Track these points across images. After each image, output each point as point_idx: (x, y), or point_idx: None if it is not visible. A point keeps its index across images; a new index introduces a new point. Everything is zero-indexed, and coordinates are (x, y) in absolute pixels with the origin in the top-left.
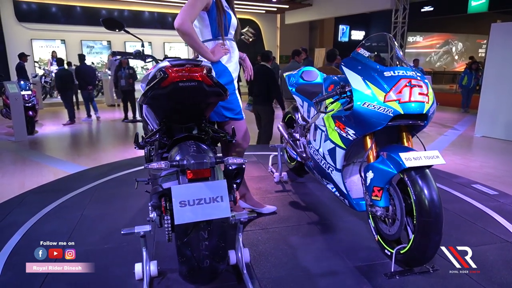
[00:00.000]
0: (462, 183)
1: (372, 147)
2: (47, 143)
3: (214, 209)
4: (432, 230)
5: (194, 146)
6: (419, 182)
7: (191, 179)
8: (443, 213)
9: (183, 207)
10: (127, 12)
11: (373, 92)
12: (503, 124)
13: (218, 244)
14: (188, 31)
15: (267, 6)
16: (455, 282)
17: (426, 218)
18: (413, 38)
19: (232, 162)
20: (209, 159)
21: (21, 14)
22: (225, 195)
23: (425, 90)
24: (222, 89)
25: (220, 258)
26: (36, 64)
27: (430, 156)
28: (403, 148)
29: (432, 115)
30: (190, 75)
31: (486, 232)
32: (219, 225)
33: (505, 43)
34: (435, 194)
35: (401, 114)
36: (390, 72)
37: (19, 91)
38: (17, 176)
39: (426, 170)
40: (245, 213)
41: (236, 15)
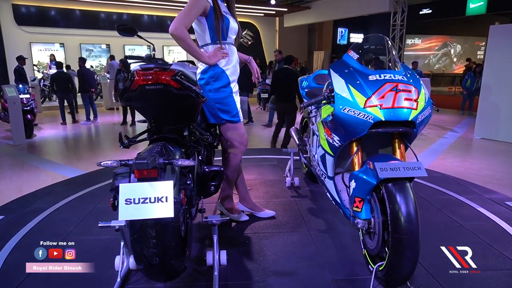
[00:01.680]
0: (494, 199)
1: (356, 155)
2: (45, 147)
3: (157, 209)
4: (406, 247)
5: (159, 147)
6: (396, 195)
7: (140, 178)
8: (419, 231)
9: (128, 204)
10: (126, 15)
11: (354, 96)
12: (503, 126)
13: (167, 243)
14: (181, 36)
15: (266, 9)
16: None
17: (400, 234)
18: (412, 41)
19: (180, 163)
20: (153, 161)
21: (20, 18)
22: (170, 196)
23: (413, 96)
24: (193, 92)
25: (172, 257)
26: (35, 68)
27: (410, 168)
28: (388, 157)
29: (423, 123)
30: (155, 78)
31: (500, 255)
32: (168, 225)
33: (503, 45)
34: (412, 210)
35: (384, 120)
36: (375, 76)
37: (18, 94)
38: (15, 180)
39: (407, 183)
40: (217, 216)
41: (237, 19)
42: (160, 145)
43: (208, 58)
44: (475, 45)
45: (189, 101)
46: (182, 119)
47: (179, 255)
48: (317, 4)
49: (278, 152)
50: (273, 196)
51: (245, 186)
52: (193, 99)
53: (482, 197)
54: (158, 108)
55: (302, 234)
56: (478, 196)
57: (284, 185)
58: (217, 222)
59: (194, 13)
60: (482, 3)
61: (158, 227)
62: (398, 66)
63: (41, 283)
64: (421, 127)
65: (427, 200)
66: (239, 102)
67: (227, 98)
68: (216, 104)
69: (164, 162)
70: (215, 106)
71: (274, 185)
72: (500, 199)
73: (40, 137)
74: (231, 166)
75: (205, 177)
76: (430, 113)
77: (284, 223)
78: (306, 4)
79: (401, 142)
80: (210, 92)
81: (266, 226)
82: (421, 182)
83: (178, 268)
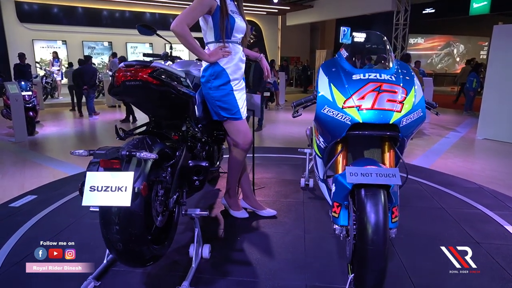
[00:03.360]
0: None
1: (339, 158)
2: (47, 144)
3: (116, 197)
4: (370, 259)
5: (137, 140)
6: (365, 202)
7: (105, 168)
8: (387, 243)
9: (92, 191)
10: (128, 13)
11: (334, 96)
12: (505, 127)
13: (130, 231)
14: (181, 33)
15: (268, 7)
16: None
17: (365, 245)
18: (415, 40)
19: (142, 156)
20: (113, 152)
21: (23, 15)
22: (129, 186)
23: (399, 97)
24: (173, 89)
25: (135, 244)
26: (37, 65)
27: (384, 175)
28: (370, 162)
29: (410, 126)
30: (134, 74)
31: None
32: (130, 213)
33: (507, 45)
34: (381, 220)
35: (362, 123)
36: (359, 75)
37: (20, 91)
38: (17, 177)
39: (381, 190)
40: (196, 210)
41: (245, 19)
42: (140, 138)
43: (208, 56)
44: (478, 45)
45: (172, 98)
46: (176, 115)
47: (143, 243)
48: (320, 3)
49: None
50: (283, 196)
51: (249, 184)
52: (174, 96)
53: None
54: (146, 103)
55: (296, 237)
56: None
57: (298, 186)
58: (195, 216)
59: (199, 12)
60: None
61: (121, 215)
62: (389, 64)
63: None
64: (409, 131)
65: (447, 211)
66: (243, 99)
67: (227, 96)
68: (217, 101)
69: (127, 154)
70: (216, 103)
71: (288, 185)
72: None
73: (42, 134)
74: (234, 163)
75: (188, 172)
76: (420, 116)
77: (282, 224)
78: (309, 2)
79: (390, 147)
80: (211, 90)
81: (263, 225)
82: (449, 192)
83: (145, 256)
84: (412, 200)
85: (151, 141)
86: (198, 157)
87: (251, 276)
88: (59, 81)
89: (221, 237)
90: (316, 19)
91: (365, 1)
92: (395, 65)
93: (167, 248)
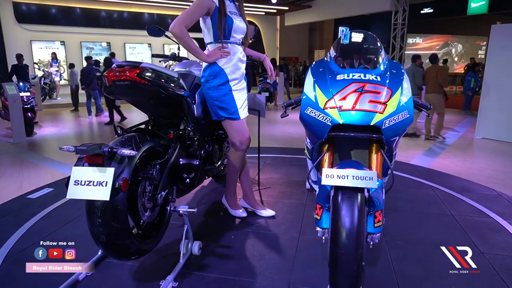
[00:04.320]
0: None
1: (324, 159)
2: (46, 145)
3: (96, 192)
4: (341, 264)
5: (125, 137)
6: (340, 205)
7: (89, 163)
8: (360, 248)
9: (76, 185)
10: (126, 13)
11: (316, 97)
12: (504, 126)
13: (111, 224)
14: (179, 35)
15: (267, 8)
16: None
17: (337, 248)
18: (413, 40)
19: (122, 153)
20: (94, 148)
21: (21, 15)
22: (109, 181)
23: (382, 98)
24: (163, 89)
25: (117, 237)
26: (36, 66)
27: (361, 177)
28: (352, 164)
29: (395, 129)
30: (122, 75)
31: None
32: (111, 207)
33: (505, 45)
34: (355, 224)
35: (342, 124)
36: (343, 75)
37: (18, 92)
38: (15, 178)
39: (358, 194)
40: (185, 207)
41: (246, 19)
42: (129, 136)
43: (206, 56)
44: (476, 44)
45: (162, 97)
46: (172, 114)
47: (126, 236)
48: (318, 3)
49: None
50: (286, 196)
51: (249, 184)
52: (164, 95)
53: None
54: (139, 102)
55: (290, 239)
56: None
57: (304, 188)
58: (183, 213)
59: (197, 14)
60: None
61: (103, 209)
62: (377, 64)
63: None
64: (393, 134)
65: (455, 218)
66: (242, 100)
67: (225, 96)
68: (215, 101)
69: (108, 150)
70: (214, 103)
71: (295, 186)
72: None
73: (41, 135)
74: (232, 162)
75: (178, 169)
76: (407, 118)
77: (279, 225)
78: (307, 3)
79: (378, 150)
80: (209, 90)
81: (260, 225)
82: (462, 199)
83: (129, 249)
84: (420, 205)
85: (140, 139)
86: (195, 156)
87: (235, 274)
88: (57, 81)
89: (215, 235)
90: (314, 19)
91: (363, 1)
92: (384, 64)
93: (155, 243)
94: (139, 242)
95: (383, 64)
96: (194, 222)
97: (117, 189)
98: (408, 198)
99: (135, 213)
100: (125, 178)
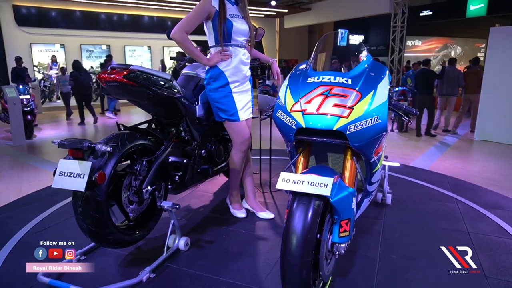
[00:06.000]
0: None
1: (298, 162)
2: (45, 148)
3: (74, 183)
4: (286, 271)
5: (114, 134)
6: (294, 211)
7: (73, 157)
8: (306, 257)
9: (60, 176)
10: (126, 16)
11: (286, 100)
12: (502, 128)
13: (91, 214)
14: (179, 40)
15: (266, 10)
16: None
17: (284, 254)
18: (412, 42)
19: (98, 148)
20: (74, 143)
21: (21, 19)
22: (86, 174)
23: (349, 102)
24: (149, 90)
25: (97, 227)
26: (35, 68)
27: (315, 184)
28: (320, 170)
29: (363, 134)
30: (111, 76)
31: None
32: (89, 198)
33: (504, 47)
34: (304, 230)
35: (305, 127)
36: (313, 78)
37: (18, 95)
38: (14, 181)
39: (313, 200)
40: (169, 203)
41: (249, 21)
42: (119, 133)
43: (207, 60)
44: (475, 47)
45: (150, 97)
46: (169, 114)
47: (105, 226)
48: (318, 6)
49: None
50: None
51: (251, 185)
52: (152, 96)
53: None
54: (135, 102)
55: (280, 243)
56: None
57: None
58: (167, 208)
59: (198, 19)
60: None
61: (83, 199)
62: (354, 66)
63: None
64: (361, 140)
65: (470, 236)
66: (244, 102)
67: (224, 98)
68: (215, 103)
69: (87, 145)
70: (215, 104)
71: None
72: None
73: (40, 138)
74: (233, 163)
75: (167, 167)
76: (377, 124)
77: (275, 228)
78: (307, 5)
79: (351, 156)
80: (210, 92)
81: (256, 226)
82: (486, 215)
83: (109, 238)
84: (435, 220)
85: (128, 137)
86: (192, 156)
87: (211, 272)
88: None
89: (208, 233)
90: (314, 21)
91: (362, 4)
92: (362, 67)
93: (141, 236)
94: (121, 233)
95: (361, 67)
96: (192, 219)
97: (93, 181)
98: (427, 211)
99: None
100: (101, 172)
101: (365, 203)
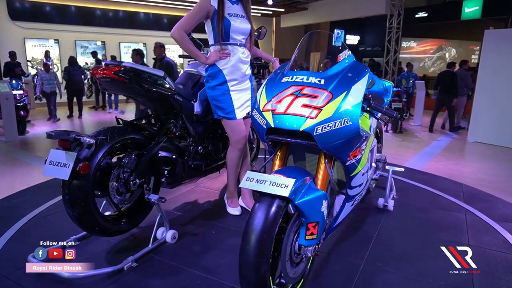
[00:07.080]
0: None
1: (275, 161)
2: (38, 144)
3: (60, 171)
4: (242, 270)
5: (105, 128)
6: (255, 210)
7: (63, 148)
8: (259, 256)
9: (50, 165)
10: (122, 12)
11: (260, 99)
12: (496, 130)
13: (77, 202)
14: (177, 39)
15: (262, 9)
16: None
17: (241, 253)
18: (407, 43)
19: (83, 140)
20: (61, 134)
21: (15, 13)
22: (71, 164)
23: (318, 103)
24: (140, 86)
25: (82, 214)
26: (29, 64)
27: (276, 184)
28: (291, 169)
29: (332, 136)
30: (103, 72)
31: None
32: (76, 187)
33: (497, 50)
34: (262, 230)
35: (274, 127)
36: (288, 78)
37: (11, 90)
38: (6, 177)
39: (275, 200)
40: (155, 196)
41: (250, 19)
42: (110, 127)
43: (206, 58)
44: (469, 49)
45: (141, 93)
46: (164, 109)
47: (90, 214)
48: (314, 5)
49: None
50: None
51: None
52: (143, 92)
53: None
54: (134, 98)
55: None
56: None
57: None
58: (154, 201)
59: (197, 18)
60: (477, 7)
61: (70, 187)
62: (330, 66)
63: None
64: (330, 142)
65: (475, 251)
66: (242, 100)
67: (222, 96)
68: (213, 100)
69: (74, 137)
70: (213, 102)
71: None
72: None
73: (33, 134)
74: (230, 160)
75: (156, 161)
76: (347, 126)
77: None
78: (303, 5)
79: (326, 157)
80: (209, 89)
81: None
82: (498, 231)
83: (93, 227)
84: (437, 230)
85: (118, 130)
86: (186, 151)
87: (194, 267)
88: None
89: (198, 228)
90: (310, 21)
91: (359, 5)
92: (339, 67)
93: (128, 227)
94: (107, 222)
95: (338, 67)
96: (187, 214)
97: (77, 171)
98: (430, 220)
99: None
100: (86, 163)
101: (347, 207)
